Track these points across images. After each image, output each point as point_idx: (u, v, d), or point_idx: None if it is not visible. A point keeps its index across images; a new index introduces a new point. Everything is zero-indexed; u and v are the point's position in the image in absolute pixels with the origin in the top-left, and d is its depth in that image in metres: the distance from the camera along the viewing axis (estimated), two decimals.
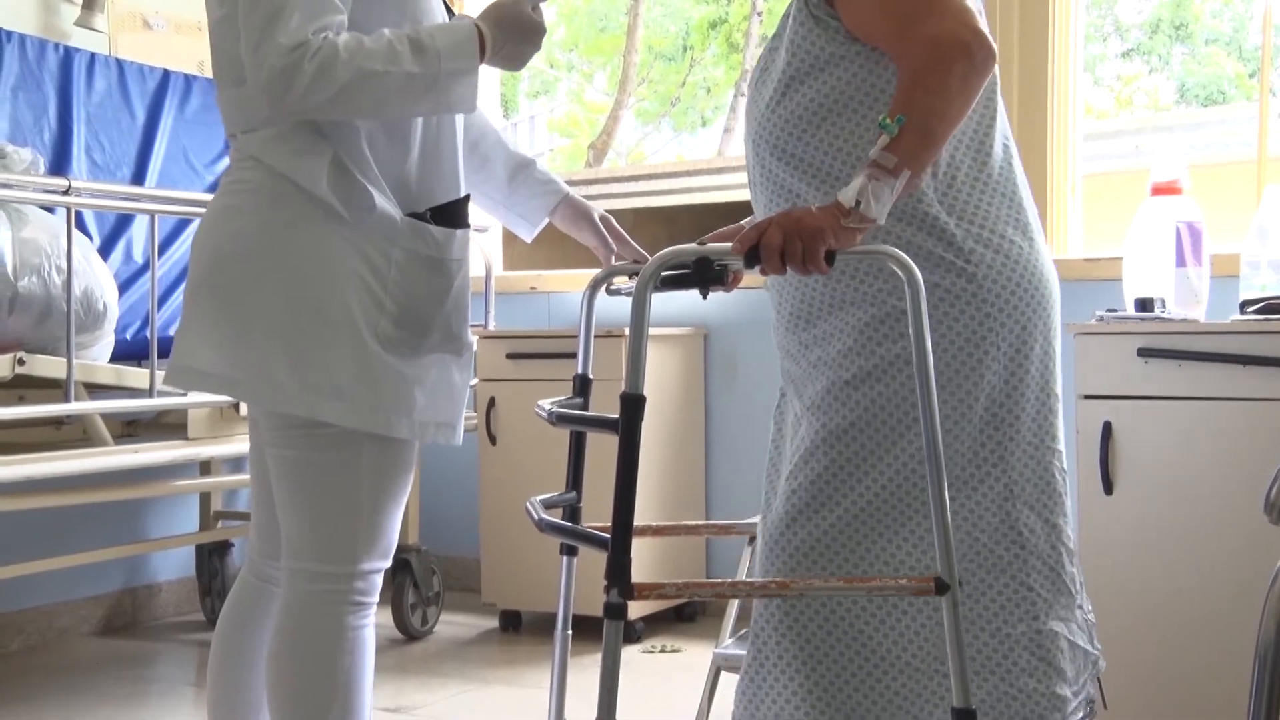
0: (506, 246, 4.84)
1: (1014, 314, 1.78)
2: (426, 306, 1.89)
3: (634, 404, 1.54)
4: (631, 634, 3.81)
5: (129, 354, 3.48)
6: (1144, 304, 2.83)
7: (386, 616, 3.85)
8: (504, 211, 2.23)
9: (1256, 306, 2.76)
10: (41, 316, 3.11)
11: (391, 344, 1.85)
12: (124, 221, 3.68)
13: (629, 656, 3.65)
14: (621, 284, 2.06)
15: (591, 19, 9.80)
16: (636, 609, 3.76)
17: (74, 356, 3.00)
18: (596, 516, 1.95)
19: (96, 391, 3.30)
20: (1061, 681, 1.80)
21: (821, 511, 1.80)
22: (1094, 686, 1.92)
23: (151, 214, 3.25)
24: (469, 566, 4.44)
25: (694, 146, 9.83)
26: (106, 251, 3.58)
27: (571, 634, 2.08)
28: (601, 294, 2.03)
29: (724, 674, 2.79)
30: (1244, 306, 2.80)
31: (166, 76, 3.94)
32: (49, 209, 3.20)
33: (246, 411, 2.06)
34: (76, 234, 3.06)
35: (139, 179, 3.78)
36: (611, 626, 1.54)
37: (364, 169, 1.83)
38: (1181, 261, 2.94)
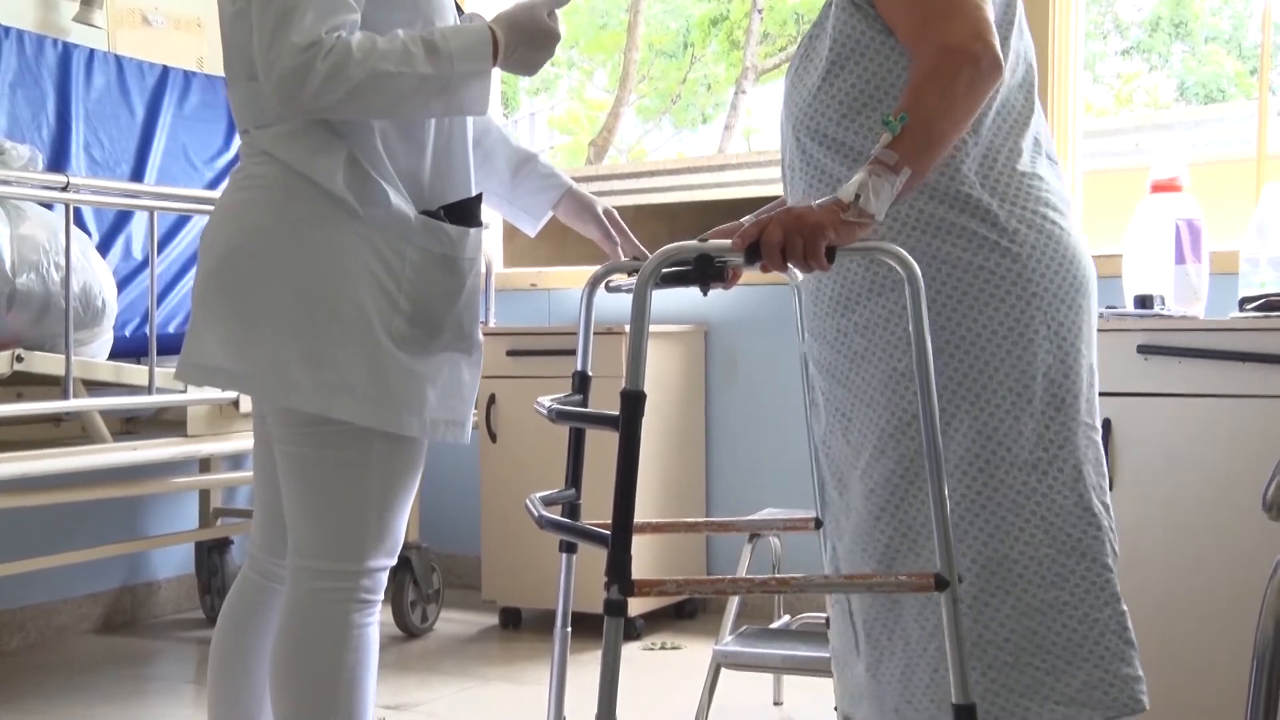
0: (506, 243, 4.84)
1: (1059, 293, 1.79)
2: (439, 305, 1.89)
3: (634, 401, 1.54)
4: (632, 631, 3.81)
5: (128, 351, 3.47)
6: (1144, 301, 2.83)
7: (387, 614, 3.85)
8: (507, 206, 2.23)
9: (1256, 304, 2.76)
10: (40, 313, 3.11)
11: (405, 342, 1.84)
12: (123, 218, 3.67)
13: (629, 653, 3.65)
14: (621, 281, 2.06)
15: (592, 16, 9.78)
16: (636, 606, 3.76)
17: (73, 353, 3.00)
18: (596, 513, 1.95)
19: (95, 388, 3.30)
20: (1139, 662, 1.81)
21: (904, 505, 1.81)
22: None
23: (150, 210, 3.25)
24: (469, 563, 4.44)
25: (695, 144, 9.81)
26: (105, 248, 3.57)
27: (571, 631, 2.08)
28: (601, 291, 2.03)
29: (724, 670, 2.80)
30: (1243, 304, 2.80)
31: (165, 73, 3.93)
32: (48, 205, 3.19)
33: (251, 408, 2.05)
34: (75, 231, 3.05)
35: (138, 175, 3.78)
36: (611, 623, 1.54)
37: (379, 166, 1.83)
38: (1181, 259, 2.94)
